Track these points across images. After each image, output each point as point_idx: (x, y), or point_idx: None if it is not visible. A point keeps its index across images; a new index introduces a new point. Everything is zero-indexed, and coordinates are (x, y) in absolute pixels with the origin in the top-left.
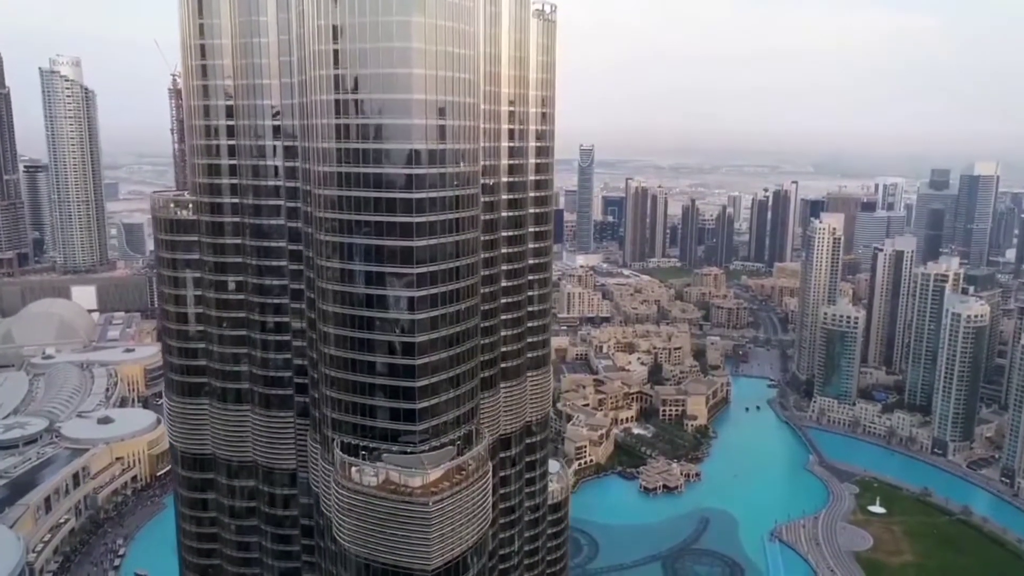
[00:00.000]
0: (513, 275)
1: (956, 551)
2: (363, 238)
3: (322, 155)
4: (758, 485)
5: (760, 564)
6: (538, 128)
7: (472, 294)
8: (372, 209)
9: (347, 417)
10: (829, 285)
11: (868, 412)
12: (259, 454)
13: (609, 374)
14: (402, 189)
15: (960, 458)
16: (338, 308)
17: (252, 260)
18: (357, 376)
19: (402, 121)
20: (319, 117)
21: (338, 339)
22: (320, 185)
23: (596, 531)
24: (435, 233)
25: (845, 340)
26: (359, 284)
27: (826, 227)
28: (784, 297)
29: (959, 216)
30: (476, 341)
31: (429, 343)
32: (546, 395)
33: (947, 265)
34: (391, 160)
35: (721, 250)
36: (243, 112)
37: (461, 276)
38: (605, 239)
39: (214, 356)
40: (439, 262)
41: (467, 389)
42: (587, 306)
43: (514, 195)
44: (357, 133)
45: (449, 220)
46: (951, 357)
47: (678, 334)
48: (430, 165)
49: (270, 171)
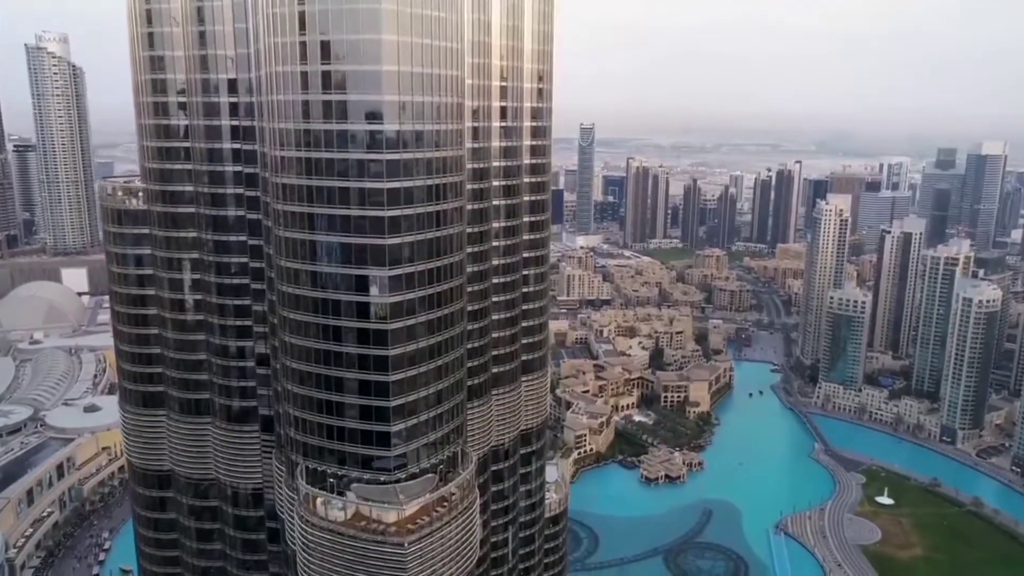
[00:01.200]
0: (506, 271)
1: (967, 544)
2: (326, 235)
3: (280, 137)
4: (762, 475)
5: (765, 558)
6: (534, 105)
7: (457, 297)
8: (337, 201)
9: (312, 439)
10: (835, 268)
11: (874, 398)
12: (221, 471)
13: (609, 359)
14: (372, 178)
15: (969, 446)
16: (299, 315)
17: (209, 256)
18: (322, 393)
19: (370, 97)
20: (277, 92)
21: (300, 350)
22: (278, 172)
23: (596, 523)
24: (411, 229)
25: (852, 325)
26: (322, 288)
27: (833, 208)
28: (787, 279)
29: (965, 196)
30: (462, 350)
31: (406, 356)
32: (543, 400)
33: (957, 248)
34: (358, 144)
35: (723, 231)
36: (196, 87)
37: (443, 277)
38: (606, 219)
39: (171, 363)
40: (416, 262)
41: (451, 406)
42: (587, 288)
43: (507, 181)
44: (320, 111)
45: (428, 213)
46: (961, 343)
47: (680, 317)
48: (404, 149)
49: (227, 155)
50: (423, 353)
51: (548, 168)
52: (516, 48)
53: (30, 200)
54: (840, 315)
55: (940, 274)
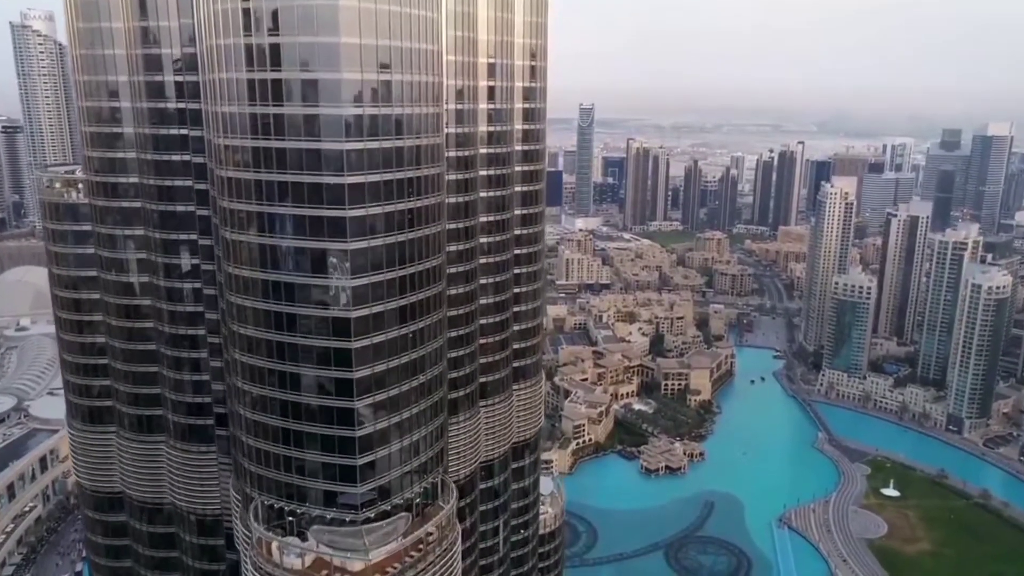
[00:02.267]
0: (494, 270)
1: (975, 538)
2: (277, 238)
3: (223, 123)
4: (765, 465)
5: (768, 553)
6: (526, 85)
7: (435, 306)
8: (289, 199)
9: (268, 472)
10: (840, 252)
11: (879, 386)
12: (178, 496)
13: (609, 346)
14: (330, 171)
15: (976, 435)
16: (250, 330)
17: (158, 256)
18: (278, 420)
19: (325, 75)
20: (219, 70)
21: (252, 371)
22: (222, 164)
23: (595, 517)
24: (377, 231)
25: (856, 311)
26: (275, 299)
27: (837, 191)
28: (790, 263)
29: (970, 178)
30: (442, 366)
31: (374, 377)
32: (537, 409)
33: (966, 232)
34: (312, 131)
35: (724, 213)
36: (138, 64)
37: (419, 285)
38: (605, 201)
39: (119, 375)
40: (385, 270)
41: (430, 431)
42: (586, 272)
43: (495, 170)
44: (266, 92)
45: (399, 212)
46: (969, 330)
47: (680, 302)
48: (368, 137)
49: (175, 142)
50: (395, 373)
51: (542, 155)
52: (505, 20)
53: (19, 182)
54: (844, 301)
55: (948, 259)
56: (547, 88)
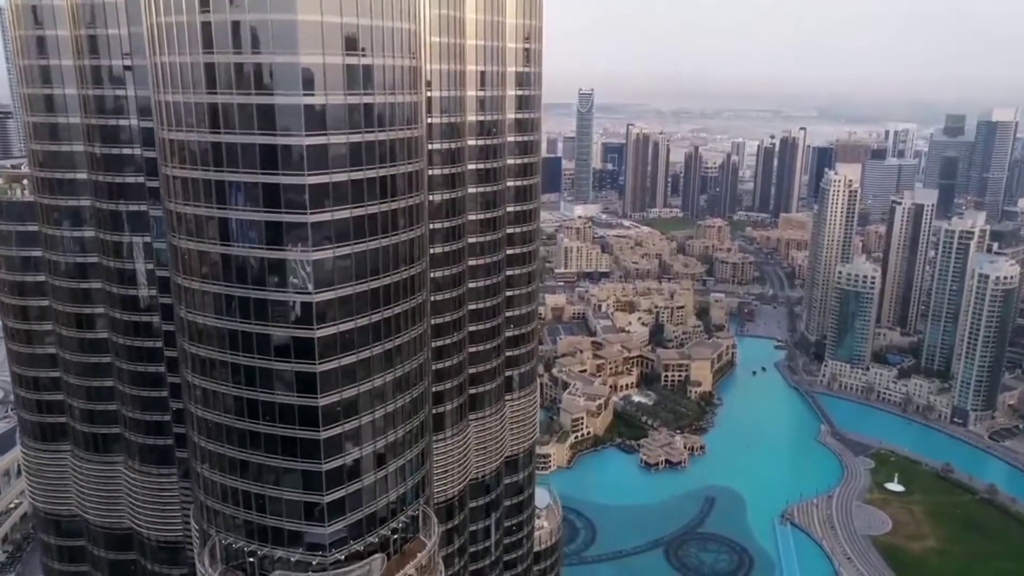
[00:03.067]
0: (485, 273)
1: (982, 535)
2: (228, 246)
3: (170, 113)
4: (767, 459)
5: (771, 550)
6: (519, 70)
7: (415, 320)
8: (243, 201)
9: (226, 508)
10: (843, 241)
11: (883, 377)
12: (137, 521)
13: (608, 336)
14: (288, 170)
15: (982, 428)
16: (203, 350)
17: (110, 261)
18: (236, 451)
19: (280, 58)
20: (161, 52)
21: (206, 396)
22: (170, 161)
23: (594, 513)
24: (345, 237)
25: (860, 300)
26: (229, 316)
27: (841, 179)
28: (791, 250)
29: (974, 165)
30: (424, 386)
31: (343, 404)
32: (532, 421)
33: (972, 221)
34: (267, 124)
35: (725, 200)
36: (85, 46)
37: (395, 298)
38: (604, 188)
39: (72, 390)
40: (355, 281)
41: (409, 459)
42: (585, 260)
43: (485, 164)
44: (210, 77)
45: (371, 215)
46: (976, 320)
47: (681, 291)
48: (333, 130)
49: (126, 134)
50: (368, 398)
51: (537, 146)
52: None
53: None
54: (848, 290)
55: (954, 248)
56: (542, 74)
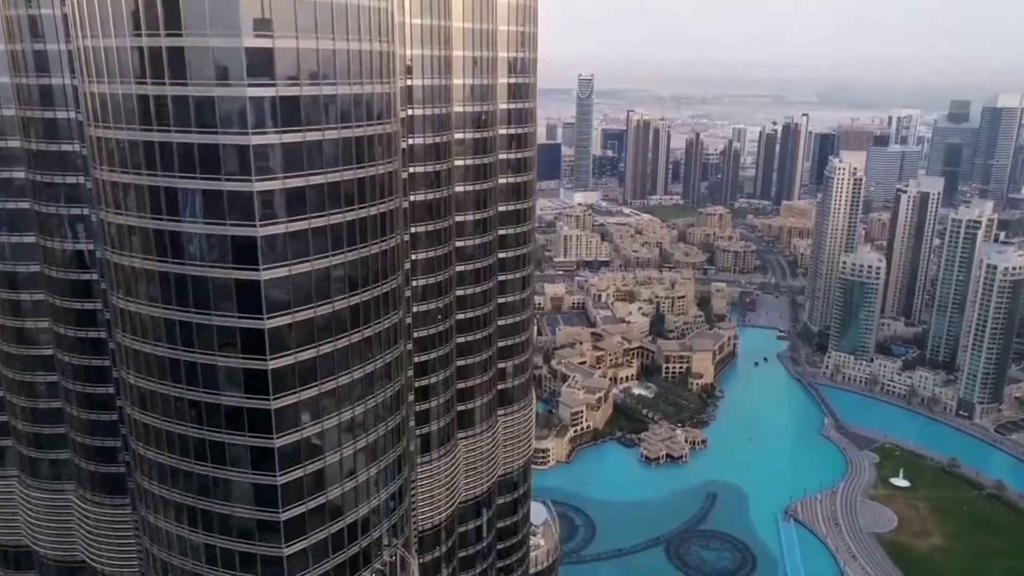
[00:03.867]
0: (474, 280)
1: (989, 532)
2: (166, 263)
3: (97, 107)
4: (769, 453)
5: (774, 548)
6: (512, 55)
7: (389, 343)
8: (182, 211)
9: (174, 558)
10: (847, 230)
11: (887, 369)
12: (90, 554)
13: (608, 327)
14: (232, 175)
15: (988, 421)
16: (143, 380)
17: (52, 270)
18: (182, 496)
19: (221, 42)
20: (85, 35)
21: (149, 433)
22: (100, 163)
23: (593, 509)
24: (302, 253)
25: (865, 291)
26: (170, 344)
27: (846, 166)
28: (793, 238)
29: (979, 151)
30: (400, 415)
31: (304, 444)
32: (527, 436)
33: (979, 210)
34: (205, 120)
35: (726, 187)
36: (21, 27)
37: (364, 320)
38: (604, 175)
39: (15, 411)
40: (315, 303)
41: (382, 500)
42: (584, 249)
43: (474, 160)
44: (140, 64)
45: (334, 226)
46: (983, 311)
47: (682, 281)
48: (287, 127)
49: (65, 128)
50: (333, 435)
51: (532, 139)
52: None
53: None
54: (852, 280)
55: (961, 237)
56: (537, 60)
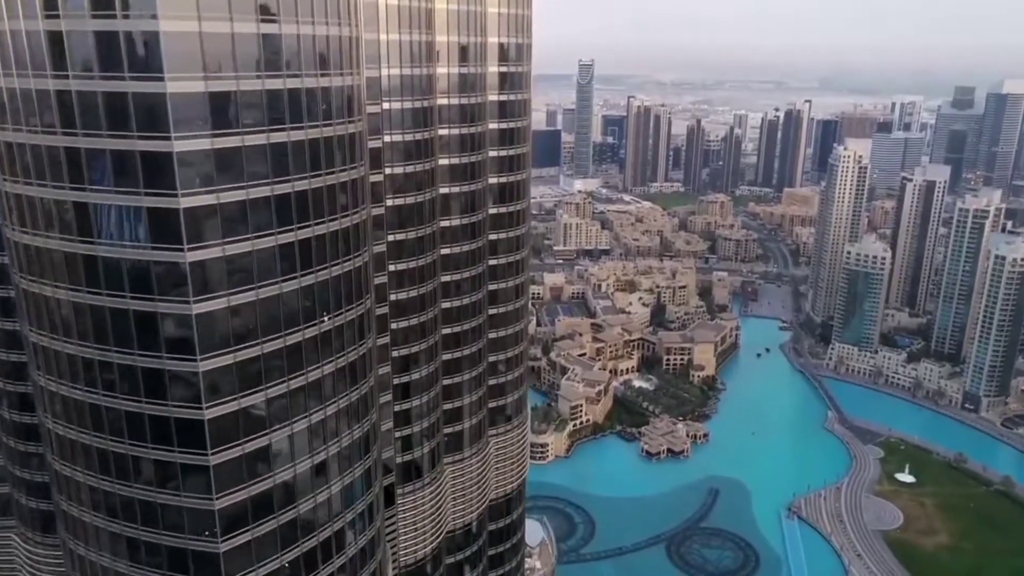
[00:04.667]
0: (462, 290)
1: (997, 531)
2: (85, 292)
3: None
4: (772, 448)
5: (777, 546)
6: (504, 41)
7: (355, 377)
8: (96, 231)
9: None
10: (852, 219)
11: (891, 361)
12: None
13: (608, 317)
14: (154, 189)
15: (994, 414)
16: (61, 426)
17: None
18: (108, 560)
19: (140, 25)
20: None
21: (71, 487)
22: (3, 172)
23: (593, 506)
24: (246, 280)
25: (870, 281)
26: (89, 387)
27: (850, 154)
28: (795, 227)
29: (983, 138)
30: (371, 459)
31: (251, 503)
32: (521, 457)
33: (987, 199)
34: (120, 122)
35: (727, 174)
36: None
37: (324, 354)
38: (605, 161)
39: None
40: (261, 338)
41: (351, 556)
42: (584, 237)
43: (461, 158)
44: (46, 57)
45: (284, 246)
46: (991, 302)
47: (683, 270)
48: (221, 130)
49: None
50: (284, 492)
51: (526, 135)
52: None
53: None
54: (857, 271)
55: (968, 227)
56: (532, 45)
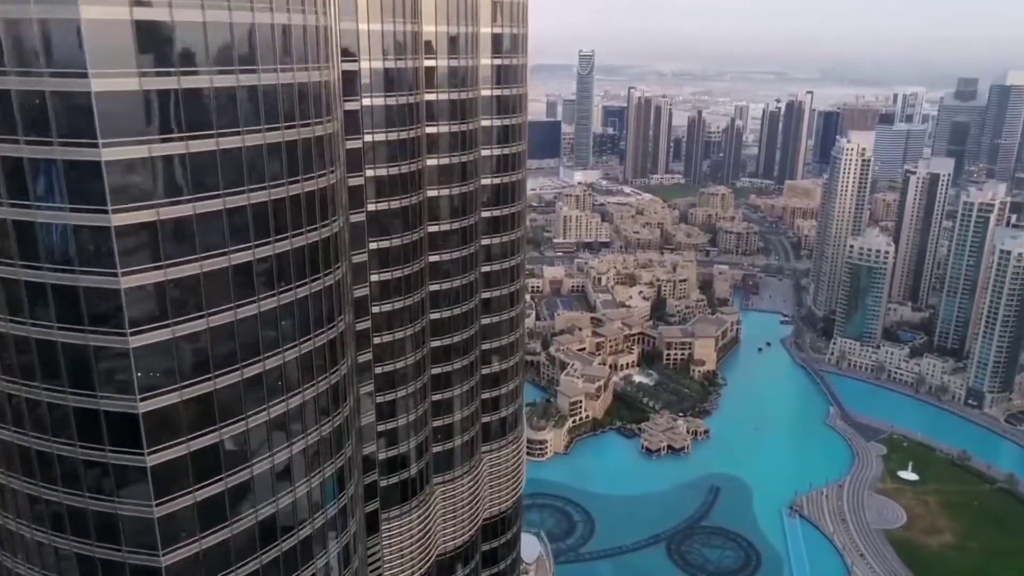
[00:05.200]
0: (455, 300)
1: (1002, 529)
2: (7, 320)
3: None
4: (773, 444)
5: (779, 545)
6: (498, 31)
7: (326, 408)
8: (13, 253)
9: None
10: (855, 212)
11: (894, 356)
12: None
13: (608, 311)
14: (80, 204)
15: (998, 411)
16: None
17: None
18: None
19: (55, 12)
20: None
21: None
22: None
23: (592, 504)
24: (191, 308)
25: (872, 276)
26: (17, 428)
27: (854, 147)
28: (796, 219)
29: (986, 130)
30: (347, 496)
31: (203, 560)
32: (517, 473)
33: (992, 192)
34: (36, 126)
35: (728, 166)
36: None
37: (287, 387)
38: (605, 153)
39: None
40: (214, 372)
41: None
42: (584, 230)
43: (451, 158)
44: None
45: (239, 267)
46: (995, 297)
47: (683, 263)
48: (160, 135)
49: None
50: (243, 544)
51: (521, 132)
52: None
53: None
54: (860, 265)
55: (972, 220)
56: (529, 35)
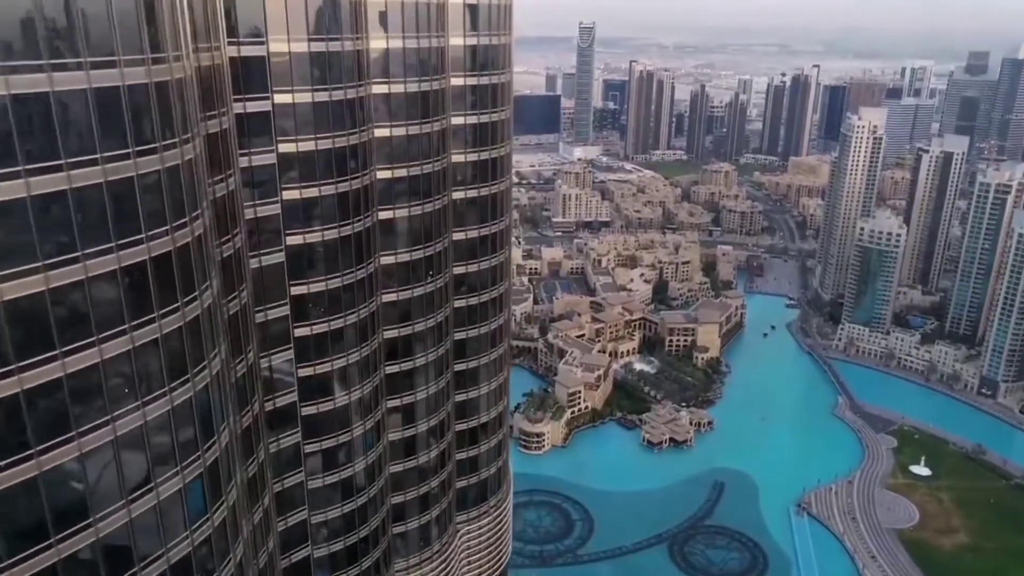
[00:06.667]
0: (414, 349)
1: (1019, 529)
2: None
3: None
4: (780, 437)
5: (786, 546)
6: (471, 2)
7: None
8: None
9: None
10: (865, 192)
11: (904, 343)
12: None
13: (608, 295)
14: None
15: (1012, 400)
16: None
17: None
18: None
19: None
20: None
21: None
22: None
23: (591, 501)
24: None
25: (883, 259)
26: None
27: (865, 124)
28: (802, 197)
29: (996, 106)
30: None
31: None
32: (503, 540)
33: (1010, 173)
34: None
35: (731, 141)
36: None
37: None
38: (605, 128)
39: None
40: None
41: None
42: (584, 209)
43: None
44: None
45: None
46: (1012, 282)
47: (686, 244)
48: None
49: None
50: None
51: (505, 130)
52: None
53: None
54: (870, 248)
55: (989, 201)
56: (513, 7)
